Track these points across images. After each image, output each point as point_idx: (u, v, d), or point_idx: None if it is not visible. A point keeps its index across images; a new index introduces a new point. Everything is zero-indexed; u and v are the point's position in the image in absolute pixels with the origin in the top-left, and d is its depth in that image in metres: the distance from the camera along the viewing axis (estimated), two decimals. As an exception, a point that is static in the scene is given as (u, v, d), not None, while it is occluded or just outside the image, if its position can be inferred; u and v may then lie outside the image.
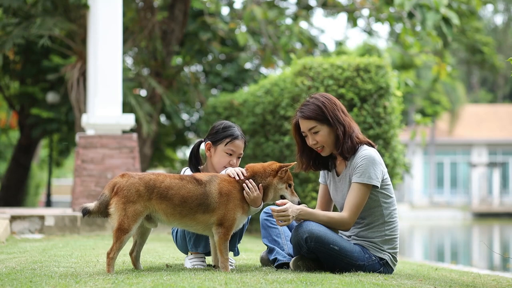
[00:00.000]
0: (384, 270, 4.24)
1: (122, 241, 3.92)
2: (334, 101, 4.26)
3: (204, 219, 4.03)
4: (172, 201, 3.97)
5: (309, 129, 4.24)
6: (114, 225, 3.92)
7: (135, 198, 3.93)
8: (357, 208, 4.14)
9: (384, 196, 4.23)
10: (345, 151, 4.20)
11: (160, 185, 3.98)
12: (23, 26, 11.66)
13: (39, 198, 25.55)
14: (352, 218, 4.16)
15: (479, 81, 49.43)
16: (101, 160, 8.90)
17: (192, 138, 18.17)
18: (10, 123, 20.13)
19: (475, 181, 36.77)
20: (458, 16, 13.20)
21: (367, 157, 4.16)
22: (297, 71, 9.00)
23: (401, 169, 9.13)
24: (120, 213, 3.91)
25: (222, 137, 4.45)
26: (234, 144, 4.43)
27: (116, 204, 3.93)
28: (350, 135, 4.21)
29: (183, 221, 4.04)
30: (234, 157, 4.43)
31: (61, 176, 38.87)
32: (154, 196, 3.95)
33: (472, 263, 11.75)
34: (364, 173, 4.13)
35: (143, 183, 3.96)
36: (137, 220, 3.93)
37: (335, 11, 15.35)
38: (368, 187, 4.15)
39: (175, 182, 4.02)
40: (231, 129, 4.47)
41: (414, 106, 34.16)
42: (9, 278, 3.73)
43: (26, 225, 7.97)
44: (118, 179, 3.99)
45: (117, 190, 3.94)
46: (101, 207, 3.96)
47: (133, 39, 13.47)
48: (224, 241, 4.04)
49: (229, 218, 4.03)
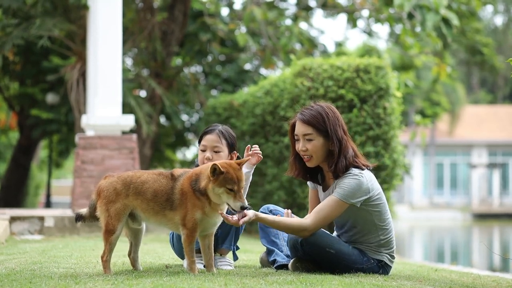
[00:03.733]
0: (383, 271, 4.23)
1: (111, 242, 3.91)
2: (338, 116, 4.14)
3: (171, 216, 3.90)
4: (145, 195, 3.90)
5: (303, 134, 4.11)
6: (102, 228, 3.93)
7: (114, 197, 3.91)
8: (324, 219, 4.01)
9: (372, 206, 4.10)
10: (338, 169, 4.06)
11: (136, 180, 3.93)
12: (22, 26, 11.65)
13: (38, 199, 25.55)
14: (315, 227, 4.01)
15: (479, 82, 49.43)
16: (101, 161, 8.90)
17: (192, 139, 18.17)
18: (10, 124, 20.12)
19: (475, 182, 36.78)
20: (458, 17, 13.19)
21: (355, 178, 4.02)
22: (297, 72, 8.99)
23: (401, 170, 9.13)
24: (104, 215, 3.91)
25: (199, 138, 4.48)
26: (205, 138, 4.40)
27: (100, 206, 3.93)
28: (345, 155, 4.07)
29: (157, 219, 3.94)
30: (208, 152, 4.37)
31: (61, 177, 38.86)
32: (130, 192, 3.91)
33: (472, 263, 11.75)
34: (346, 192, 4.00)
35: (120, 181, 3.94)
36: (120, 219, 3.90)
37: (335, 12, 15.36)
38: (344, 205, 4.02)
39: (151, 177, 3.94)
40: (206, 128, 4.47)
41: (414, 107, 34.16)
42: (9, 279, 3.72)
43: (25, 226, 7.96)
44: (101, 181, 4.00)
45: (99, 193, 3.95)
46: (91, 211, 3.99)
47: (133, 39, 13.47)
48: (189, 243, 3.87)
49: (189, 219, 3.85)
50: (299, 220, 4.06)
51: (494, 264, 12.00)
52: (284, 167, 9.30)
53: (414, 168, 36.87)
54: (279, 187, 9.53)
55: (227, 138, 4.40)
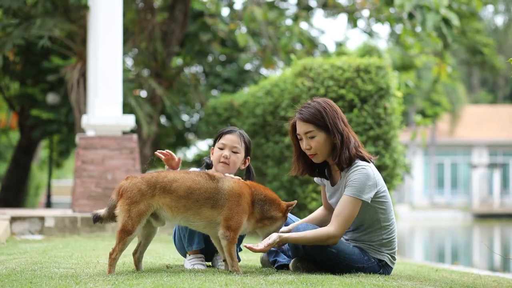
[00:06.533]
0: (384, 271, 4.23)
1: (125, 242, 3.92)
2: (336, 109, 4.16)
3: (209, 214, 3.98)
4: (176, 193, 3.94)
5: (305, 133, 4.13)
6: (118, 226, 3.93)
7: (138, 198, 3.92)
8: (346, 221, 4.03)
9: (379, 203, 4.13)
10: (342, 161, 4.09)
11: (163, 179, 3.97)
12: (23, 27, 11.65)
13: (39, 199, 25.56)
14: (340, 231, 4.03)
15: (479, 82, 49.44)
16: (101, 161, 8.90)
17: (192, 139, 18.17)
18: (10, 124, 20.13)
19: (475, 182, 36.79)
20: (459, 17, 13.21)
21: (362, 172, 4.05)
22: (297, 72, 8.99)
23: (401, 170, 9.12)
24: (124, 215, 3.91)
25: (217, 136, 4.54)
26: (225, 137, 4.47)
27: (121, 206, 3.94)
28: (348, 146, 4.10)
29: (186, 215, 3.99)
30: (226, 150, 4.45)
31: (61, 177, 38.87)
32: (157, 192, 3.94)
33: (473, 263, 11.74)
34: (357, 188, 4.02)
35: (145, 182, 3.96)
36: (140, 221, 3.93)
37: (335, 12, 15.35)
38: (359, 202, 4.04)
39: (180, 175, 4.01)
40: (225, 129, 4.55)
41: (414, 107, 34.18)
42: (9, 279, 3.72)
43: (26, 226, 7.96)
44: (123, 182, 4.01)
45: (122, 193, 3.96)
46: (111, 212, 3.99)
47: (133, 40, 13.48)
48: (233, 245, 3.99)
49: (236, 221, 3.97)
50: (323, 230, 4.05)
51: (494, 264, 12.00)
52: (285, 167, 9.30)
53: (414, 168, 36.87)
54: (280, 187, 9.52)
55: (246, 142, 4.52)
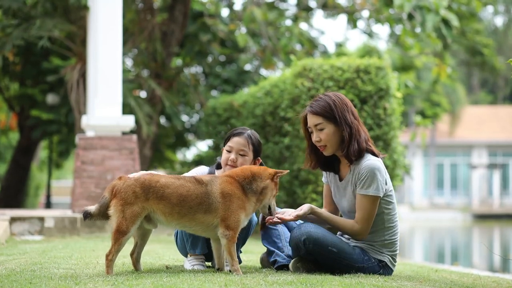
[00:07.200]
0: (384, 272, 4.23)
1: (121, 243, 3.92)
2: (346, 102, 4.22)
3: (205, 219, 3.99)
4: (169, 200, 3.95)
5: (315, 125, 4.21)
6: (113, 227, 3.93)
7: (132, 200, 3.92)
8: (369, 219, 4.14)
9: (386, 203, 4.20)
10: (351, 153, 4.15)
11: (156, 184, 3.96)
12: (23, 27, 11.65)
13: (39, 200, 25.55)
14: (365, 230, 4.16)
15: (479, 82, 49.44)
16: (101, 161, 8.89)
17: (192, 139, 18.18)
18: (10, 125, 20.13)
19: (475, 182, 36.78)
20: (458, 18, 13.20)
21: (373, 167, 4.12)
22: (297, 73, 8.99)
23: (401, 170, 9.13)
24: (119, 215, 3.91)
25: (227, 137, 4.50)
26: (232, 140, 4.43)
27: (115, 206, 3.93)
28: (357, 139, 4.16)
29: (181, 222, 4.00)
30: (233, 153, 4.40)
31: (61, 178, 38.85)
32: (150, 196, 3.94)
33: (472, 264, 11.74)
34: (371, 185, 4.11)
35: (139, 184, 3.95)
36: (135, 222, 3.93)
37: (335, 13, 15.35)
38: (377, 198, 4.13)
39: (171, 181, 3.99)
40: (234, 130, 4.50)
41: (414, 107, 34.17)
42: (9, 279, 3.72)
43: (26, 227, 7.96)
44: (116, 181, 4.01)
45: (115, 193, 3.95)
46: (102, 210, 3.97)
47: (133, 40, 13.48)
48: (233, 244, 4.00)
49: (234, 220, 3.99)
50: (351, 224, 4.18)
51: (494, 265, 11.99)
52: (285, 168, 9.30)
53: (414, 169, 36.87)
54: (279, 188, 9.52)
55: (255, 143, 4.46)
